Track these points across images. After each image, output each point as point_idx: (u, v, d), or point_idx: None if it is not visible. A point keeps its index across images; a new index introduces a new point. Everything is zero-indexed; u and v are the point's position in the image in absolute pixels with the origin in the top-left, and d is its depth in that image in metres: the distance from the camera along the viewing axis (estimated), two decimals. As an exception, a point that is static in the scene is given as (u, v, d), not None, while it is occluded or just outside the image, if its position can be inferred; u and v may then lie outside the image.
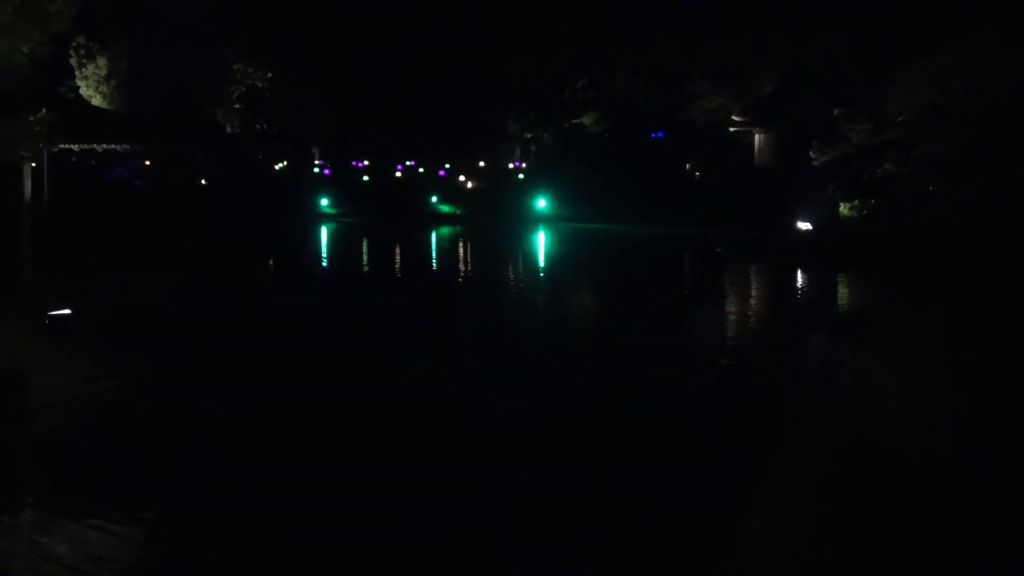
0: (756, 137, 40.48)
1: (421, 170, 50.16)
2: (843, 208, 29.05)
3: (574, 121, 45.39)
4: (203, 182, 50.74)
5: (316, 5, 50.66)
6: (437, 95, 47.49)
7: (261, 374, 13.11)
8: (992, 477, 8.90)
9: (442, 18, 47.10)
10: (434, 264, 30.45)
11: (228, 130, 55.30)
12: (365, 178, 51.14)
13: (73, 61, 53.76)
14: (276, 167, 54.45)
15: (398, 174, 50.56)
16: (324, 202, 47.50)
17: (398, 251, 33.81)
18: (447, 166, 48.73)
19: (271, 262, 29.77)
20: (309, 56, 51.60)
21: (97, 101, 52.17)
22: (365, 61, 49.66)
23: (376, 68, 49.38)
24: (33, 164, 19.17)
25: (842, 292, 22.83)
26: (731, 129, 40.71)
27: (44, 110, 14.73)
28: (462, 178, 47.54)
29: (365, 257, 32.74)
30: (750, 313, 20.37)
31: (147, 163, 50.08)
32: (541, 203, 41.19)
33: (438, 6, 47.07)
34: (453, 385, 12.84)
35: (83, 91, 53.58)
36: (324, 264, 30.75)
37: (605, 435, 10.37)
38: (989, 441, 10.23)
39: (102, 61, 54.31)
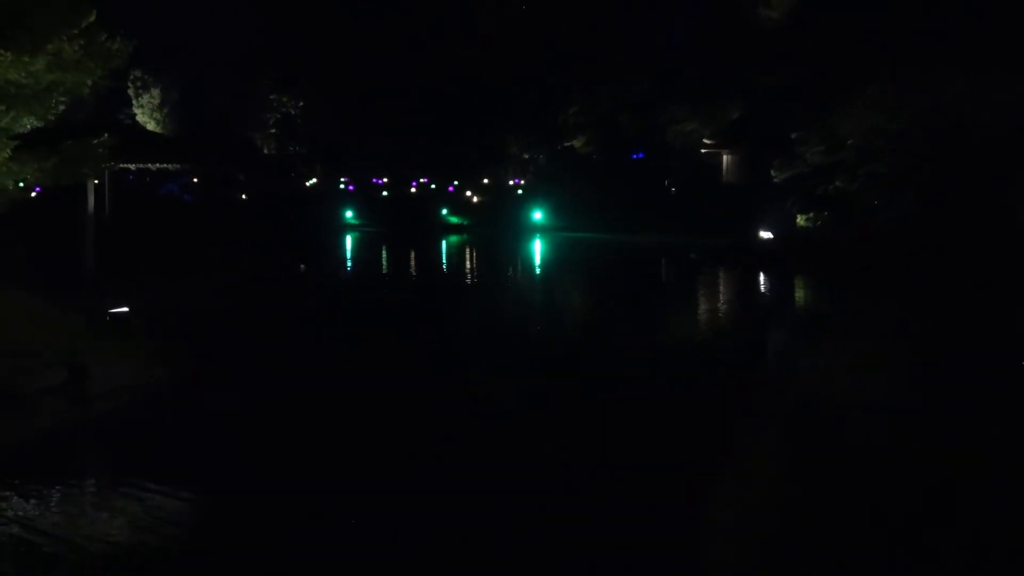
0: (724, 157, 40.43)
1: (433, 186, 50.21)
2: (800, 219, 29.04)
3: (566, 144, 45.37)
4: (243, 197, 50.80)
5: (342, 47, 50.86)
6: (448, 121, 47.56)
7: (294, 365, 13.13)
8: (925, 448, 8.91)
9: (451, 59, 47.24)
10: (444, 266, 30.47)
11: (265, 151, 55.39)
12: (384, 193, 51.18)
13: (131, 91, 53.98)
14: (307, 183, 54.50)
15: (413, 189, 50.60)
16: (348, 214, 47.53)
17: (413, 255, 33.82)
18: (456, 183, 48.74)
19: (303, 266, 29.74)
20: (336, 88, 51.71)
21: (151, 126, 52.31)
22: (385, 92, 49.75)
23: (394, 98, 49.44)
24: (96, 181, 19.21)
25: (797, 291, 22.86)
26: (702, 151, 40.64)
27: (105, 134, 14.71)
28: (469, 193, 47.54)
29: (384, 261, 32.74)
30: (717, 308, 20.41)
31: (195, 180, 50.17)
32: (537, 215, 41.20)
33: (448, 50, 47.22)
34: (464, 362, 12.90)
35: (139, 118, 53.74)
36: (349, 267, 30.78)
37: (591, 409, 10.37)
38: (916, 411, 10.25)
39: (156, 91, 54.55)
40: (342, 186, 52.89)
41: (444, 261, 32.68)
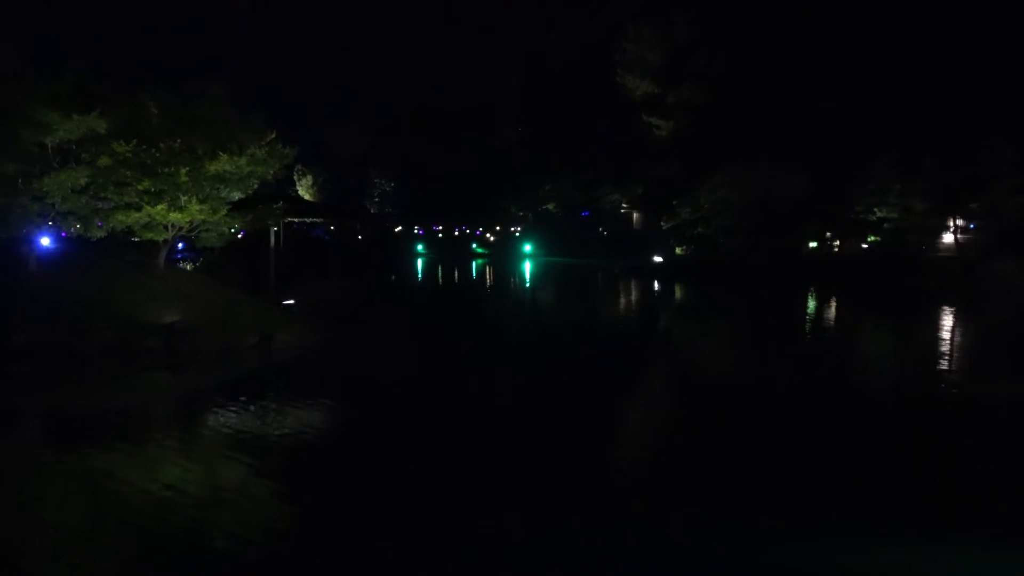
0: (634, 214, 40.40)
1: (467, 230, 50.08)
2: (677, 250, 29.10)
3: (543, 207, 45.51)
4: (360, 238, 50.59)
5: (414, 152, 50.92)
6: (476, 193, 47.62)
7: (392, 330, 13.16)
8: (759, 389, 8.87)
9: (476, 160, 47.28)
10: (473, 274, 30.41)
11: (372, 211, 55.33)
12: (440, 235, 51.09)
13: (295, 176, 53.86)
14: (395, 230, 54.39)
15: (456, 232, 50.50)
16: (419, 247, 47.47)
17: (456, 270, 33.74)
18: (480, 228, 48.71)
19: (393, 276, 29.70)
20: (412, 177, 51.78)
21: (307, 197, 52.16)
22: (441, 181, 49.80)
23: (446, 182, 49.48)
24: (275, 228, 19.23)
25: (676, 291, 22.84)
26: (621, 211, 40.73)
27: (281, 202, 14.84)
28: (488, 235, 47.46)
29: (440, 273, 32.66)
30: (630, 300, 20.40)
31: (332, 228, 49.91)
32: (528, 247, 41.21)
33: (474, 155, 47.36)
34: (479, 331, 12.89)
35: (300, 192, 53.59)
36: (420, 277, 30.70)
37: (554, 362, 10.33)
38: (758, 365, 10.24)
39: (309, 177, 54.56)
40: (415, 231, 52.83)
41: (473, 271, 32.64)
